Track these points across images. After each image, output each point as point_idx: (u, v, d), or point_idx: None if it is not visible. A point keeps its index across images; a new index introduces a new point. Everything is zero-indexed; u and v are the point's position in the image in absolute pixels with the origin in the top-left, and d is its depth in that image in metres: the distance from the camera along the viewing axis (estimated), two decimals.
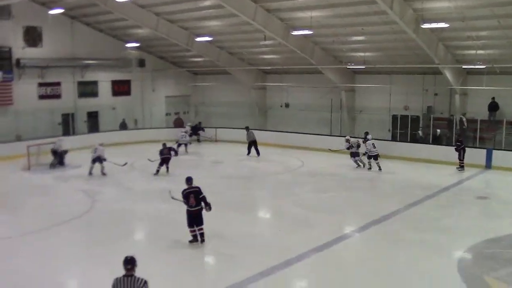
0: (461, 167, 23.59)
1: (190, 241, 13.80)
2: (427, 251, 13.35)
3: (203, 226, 13.83)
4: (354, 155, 24.77)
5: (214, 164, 26.48)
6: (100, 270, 12.17)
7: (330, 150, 26.35)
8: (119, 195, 20.23)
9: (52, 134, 29.24)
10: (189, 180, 13.98)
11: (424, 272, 11.99)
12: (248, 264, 12.53)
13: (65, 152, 25.49)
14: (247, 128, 29.31)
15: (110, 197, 19.81)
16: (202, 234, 13.85)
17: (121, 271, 12.05)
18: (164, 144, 23.83)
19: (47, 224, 15.63)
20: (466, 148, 23.81)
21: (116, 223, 16.21)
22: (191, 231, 13.85)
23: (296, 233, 15.00)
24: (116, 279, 8.18)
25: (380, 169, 23.65)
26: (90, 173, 23.22)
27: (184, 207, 13.84)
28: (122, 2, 25.94)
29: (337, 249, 13.73)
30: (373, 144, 23.96)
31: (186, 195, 13.75)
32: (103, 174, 23.20)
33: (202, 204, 13.77)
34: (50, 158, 25.16)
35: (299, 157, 27.09)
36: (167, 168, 23.47)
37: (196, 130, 33.49)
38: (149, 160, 23.66)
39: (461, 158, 23.59)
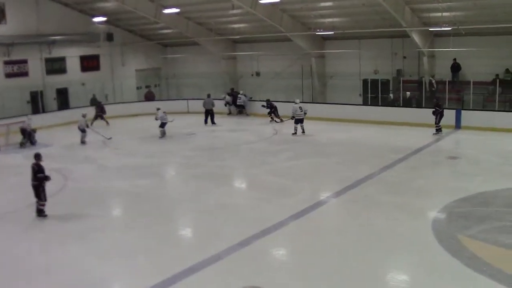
0: (439, 130, 23.80)
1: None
2: (402, 213, 13.68)
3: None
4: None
5: (187, 136, 26.50)
6: (74, 247, 12.36)
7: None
8: (92, 172, 20.17)
9: (21, 113, 28.85)
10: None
11: (399, 234, 12.32)
12: (226, 235, 12.70)
13: (34, 131, 25.29)
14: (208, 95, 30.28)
15: (83, 175, 19.70)
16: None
17: (97, 248, 12.13)
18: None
19: (21, 204, 15.56)
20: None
21: (90, 200, 16.19)
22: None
23: (272, 201, 15.20)
24: None
25: (303, 131, 25.01)
26: (82, 142, 24.74)
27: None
28: None
29: (314, 215, 13.97)
30: (299, 107, 24.95)
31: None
32: (84, 142, 24.54)
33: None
34: (19, 137, 24.91)
35: (271, 125, 27.26)
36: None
37: (235, 98, 32.65)
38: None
39: (437, 122, 23.83)
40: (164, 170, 20.54)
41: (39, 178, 14.32)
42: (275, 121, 28.87)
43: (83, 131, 24.85)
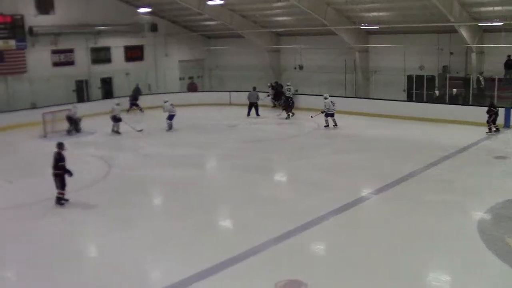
0: (496, 129, 23.04)
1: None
2: (446, 213, 13.34)
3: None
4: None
5: (229, 127, 26.45)
6: (117, 233, 12.51)
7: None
8: (135, 161, 20.38)
9: (67, 101, 29.35)
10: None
11: (443, 234, 12.00)
12: (266, 227, 12.60)
13: (79, 119, 25.63)
14: (254, 88, 30.04)
15: (126, 163, 19.97)
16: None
17: (140, 236, 12.26)
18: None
19: (66, 190, 15.75)
20: (484, 108, 23.39)
21: (133, 188, 16.37)
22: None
23: (313, 196, 15.05)
24: None
25: (335, 125, 25.18)
26: (113, 131, 24.92)
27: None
28: None
29: (355, 211, 13.79)
30: (331, 102, 25.16)
31: None
32: (118, 132, 24.60)
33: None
34: (65, 125, 25.31)
35: (314, 119, 27.03)
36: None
37: (279, 93, 32.24)
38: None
39: (489, 121, 22.99)
40: (206, 161, 20.57)
41: (60, 166, 14.40)
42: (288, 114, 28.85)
43: (116, 120, 24.92)
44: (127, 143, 23.18)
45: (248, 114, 29.37)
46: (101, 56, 34.36)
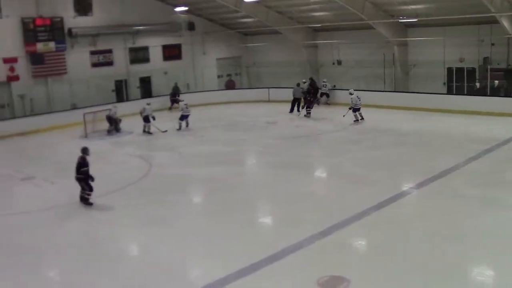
0: None
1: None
2: (488, 207, 13.21)
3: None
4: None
5: (268, 124, 26.52)
6: (157, 232, 12.68)
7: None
8: (173, 159, 20.61)
9: (106, 101, 29.78)
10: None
11: (485, 229, 11.89)
12: (306, 223, 12.64)
13: (119, 119, 25.98)
14: (297, 84, 29.94)
15: (165, 161, 20.20)
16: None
17: (178, 233, 12.39)
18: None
19: (108, 189, 16.07)
20: None
21: (172, 187, 16.59)
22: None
23: (353, 191, 15.05)
24: None
25: (362, 118, 25.40)
26: (144, 131, 24.93)
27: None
28: None
29: (396, 206, 13.73)
30: (357, 97, 25.37)
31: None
32: (149, 133, 24.74)
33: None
34: (105, 125, 25.61)
35: (352, 114, 26.91)
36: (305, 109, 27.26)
37: (317, 89, 31.66)
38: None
39: None
40: (244, 158, 20.70)
41: (82, 172, 14.56)
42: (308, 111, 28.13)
43: (147, 120, 24.91)
44: (163, 141, 23.38)
45: (291, 110, 29.28)
46: (139, 55, 34.69)
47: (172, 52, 36.42)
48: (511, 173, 16.27)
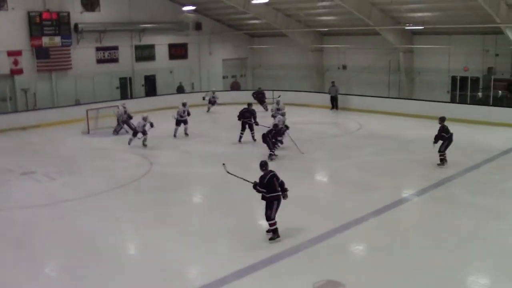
0: None
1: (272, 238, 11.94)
2: (488, 216, 13.29)
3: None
4: None
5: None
6: (158, 231, 12.78)
7: None
8: (176, 158, 20.68)
9: (111, 98, 29.91)
10: (264, 165, 12.33)
11: (484, 238, 11.98)
12: (305, 227, 12.70)
13: (130, 116, 25.37)
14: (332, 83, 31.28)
15: (168, 160, 20.24)
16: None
17: (178, 233, 12.45)
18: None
19: (109, 187, 16.18)
20: None
21: (174, 186, 16.64)
22: (274, 224, 11.96)
23: (353, 196, 15.12)
24: None
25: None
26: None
27: None
28: None
29: (395, 213, 13.81)
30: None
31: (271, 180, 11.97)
32: (144, 145, 23.63)
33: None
34: (108, 122, 25.46)
35: (356, 119, 26.96)
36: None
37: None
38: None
39: None
40: (248, 159, 20.68)
41: None
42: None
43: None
44: (167, 140, 23.37)
45: (333, 107, 30.83)
46: (145, 53, 34.82)
47: (178, 51, 36.57)
48: (510, 182, 16.34)
